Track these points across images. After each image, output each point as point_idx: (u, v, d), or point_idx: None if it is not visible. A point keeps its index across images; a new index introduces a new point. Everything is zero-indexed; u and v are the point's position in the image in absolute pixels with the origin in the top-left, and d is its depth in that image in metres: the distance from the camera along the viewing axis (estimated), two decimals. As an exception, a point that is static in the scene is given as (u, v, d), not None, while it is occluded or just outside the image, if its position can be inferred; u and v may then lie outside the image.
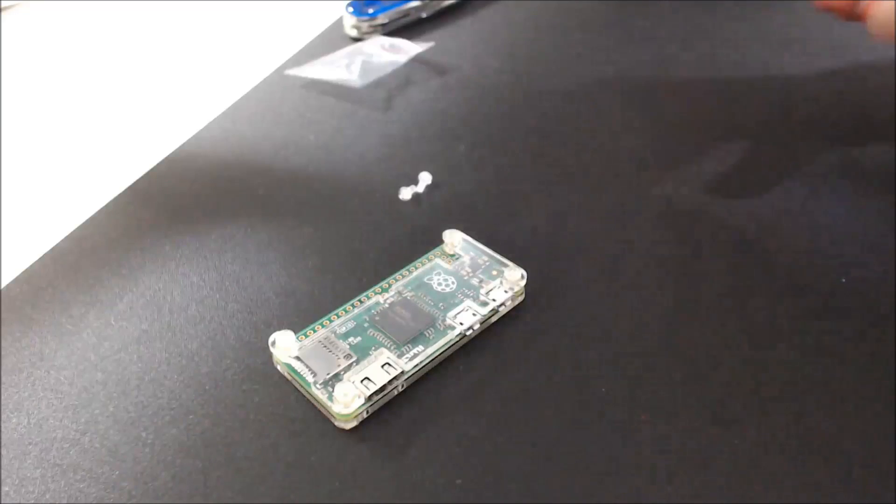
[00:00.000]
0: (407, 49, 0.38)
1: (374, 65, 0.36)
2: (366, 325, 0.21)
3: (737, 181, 0.28)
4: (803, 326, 0.21)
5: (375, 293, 0.22)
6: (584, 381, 0.20)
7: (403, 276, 0.23)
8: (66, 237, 0.27)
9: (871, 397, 0.19)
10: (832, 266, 0.23)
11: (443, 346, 0.20)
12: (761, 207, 0.26)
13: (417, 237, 0.25)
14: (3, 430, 0.19)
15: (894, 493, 0.16)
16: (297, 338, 0.21)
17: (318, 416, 0.19)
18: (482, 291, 0.22)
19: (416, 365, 0.20)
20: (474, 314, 0.21)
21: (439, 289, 0.22)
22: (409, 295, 0.22)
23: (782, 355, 0.20)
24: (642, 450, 0.18)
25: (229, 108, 0.36)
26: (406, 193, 0.28)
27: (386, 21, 0.42)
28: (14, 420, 0.20)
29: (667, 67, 0.37)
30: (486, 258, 0.24)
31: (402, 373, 0.19)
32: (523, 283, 0.22)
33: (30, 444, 0.19)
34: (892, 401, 0.19)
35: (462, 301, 0.22)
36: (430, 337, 0.21)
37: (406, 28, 0.43)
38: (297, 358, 0.20)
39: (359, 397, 0.19)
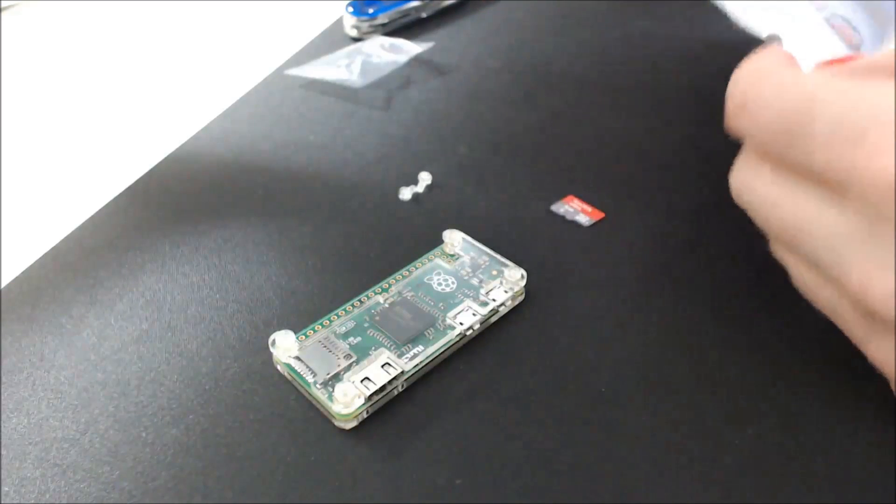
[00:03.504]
0: (407, 49, 0.38)
1: (374, 65, 0.36)
2: (366, 325, 0.21)
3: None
4: (807, 328, 0.21)
5: (375, 293, 0.22)
6: (584, 381, 0.20)
7: (403, 276, 0.23)
8: (66, 237, 0.27)
9: (871, 398, 0.19)
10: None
11: (443, 346, 0.20)
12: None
13: (417, 237, 0.25)
14: (3, 430, 0.19)
15: (894, 494, 0.16)
16: (297, 338, 0.21)
17: (318, 416, 0.19)
18: (482, 291, 0.22)
19: (416, 365, 0.20)
20: (474, 314, 0.21)
21: (439, 289, 0.22)
22: (409, 295, 0.22)
23: (785, 355, 0.20)
24: (642, 450, 0.18)
25: (229, 108, 0.36)
26: (406, 193, 0.28)
27: (386, 21, 0.42)
28: (14, 420, 0.20)
29: (667, 68, 0.37)
30: (486, 258, 0.24)
31: (402, 373, 0.19)
32: (523, 283, 0.22)
33: (30, 444, 0.19)
34: (891, 401, 0.19)
35: (462, 301, 0.22)
36: (430, 337, 0.21)
37: (406, 28, 0.43)
38: (297, 358, 0.20)
39: (359, 397, 0.19)
